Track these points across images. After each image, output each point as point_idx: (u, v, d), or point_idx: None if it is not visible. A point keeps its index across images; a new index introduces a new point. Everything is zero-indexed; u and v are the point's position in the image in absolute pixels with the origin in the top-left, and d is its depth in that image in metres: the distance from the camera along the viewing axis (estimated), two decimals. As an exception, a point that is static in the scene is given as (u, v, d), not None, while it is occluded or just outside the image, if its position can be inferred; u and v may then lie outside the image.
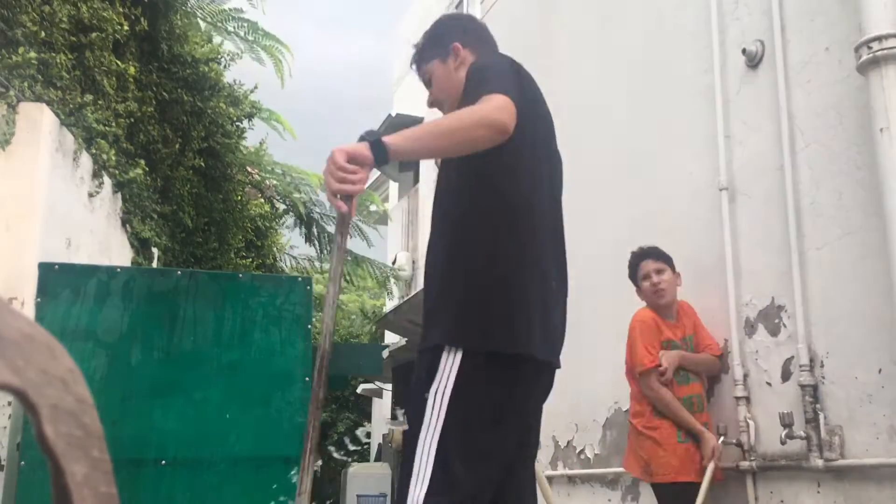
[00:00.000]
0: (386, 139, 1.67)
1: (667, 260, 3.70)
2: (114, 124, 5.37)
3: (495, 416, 1.77)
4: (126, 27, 5.65)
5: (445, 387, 1.73)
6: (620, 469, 4.35)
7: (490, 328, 1.78)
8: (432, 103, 2.18)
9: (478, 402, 1.75)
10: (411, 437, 1.74)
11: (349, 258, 10.41)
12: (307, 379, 3.69)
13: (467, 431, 1.73)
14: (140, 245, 5.78)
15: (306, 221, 9.69)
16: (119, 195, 5.43)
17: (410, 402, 1.81)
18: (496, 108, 1.69)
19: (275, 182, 9.58)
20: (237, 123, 8.13)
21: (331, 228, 10.01)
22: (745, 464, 3.48)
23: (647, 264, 3.69)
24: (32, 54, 4.38)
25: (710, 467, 3.34)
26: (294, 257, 10.85)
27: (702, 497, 3.29)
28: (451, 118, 1.76)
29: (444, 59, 2.12)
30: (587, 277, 4.84)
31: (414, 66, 2.22)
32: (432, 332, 1.82)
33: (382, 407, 13.91)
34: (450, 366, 1.74)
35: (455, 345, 1.76)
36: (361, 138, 1.70)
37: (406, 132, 1.72)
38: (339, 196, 1.67)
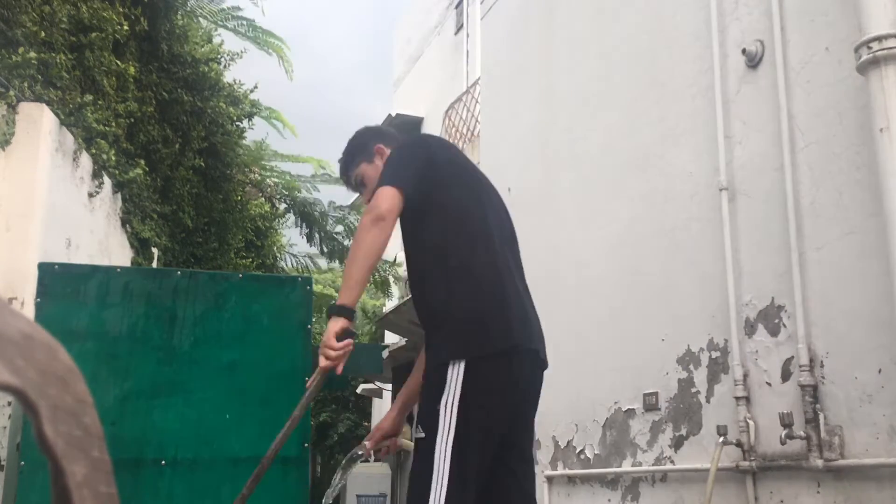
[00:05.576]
0: (339, 302, 2.03)
1: None
2: (114, 124, 5.37)
3: (491, 419, 2.00)
4: (126, 27, 5.65)
5: (454, 397, 1.96)
6: (620, 469, 4.35)
7: (477, 334, 2.02)
8: (368, 200, 2.40)
9: (479, 406, 1.97)
10: (428, 445, 1.95)
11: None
12: (306, 378, 3.68)
13: (473, 435, 1.95)
14: (140, 245, 5.78)
15: (306, 218, 9.68)
16: (119, 195, 5.43)
17: (425, 414, 2.01)
18: (372, 207, 2.01)
19: (275, 181, 9.57)
20: (237, 123, 8.13)
21: (330, 227, 10.01)
22: (744, 464, 3.48)
23: None
24: (32, 54, 4.38)
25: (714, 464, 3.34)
26: (294, 255, 10.85)
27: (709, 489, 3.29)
28: (353, 245, 2.06)
29: (371, 160, 2.40)
30: (587, 277, 4.84)
31: (344, 177, 2.50)
32: (437, 352, 2.05)
33: (382, 407, 13.89)
34: (455, 377, 1.97)
35: (456, 358, 1.98)
36: (329, 315, 2.05)
37: (343, 285, 2.05)
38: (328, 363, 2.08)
